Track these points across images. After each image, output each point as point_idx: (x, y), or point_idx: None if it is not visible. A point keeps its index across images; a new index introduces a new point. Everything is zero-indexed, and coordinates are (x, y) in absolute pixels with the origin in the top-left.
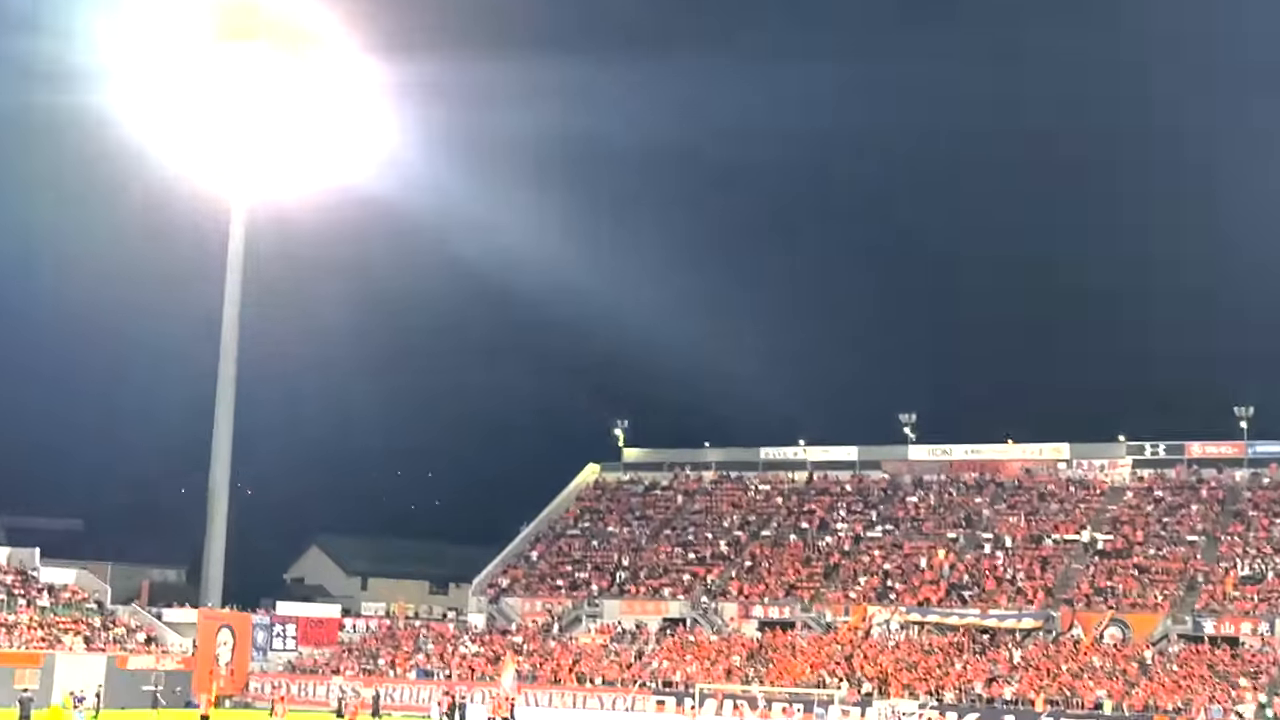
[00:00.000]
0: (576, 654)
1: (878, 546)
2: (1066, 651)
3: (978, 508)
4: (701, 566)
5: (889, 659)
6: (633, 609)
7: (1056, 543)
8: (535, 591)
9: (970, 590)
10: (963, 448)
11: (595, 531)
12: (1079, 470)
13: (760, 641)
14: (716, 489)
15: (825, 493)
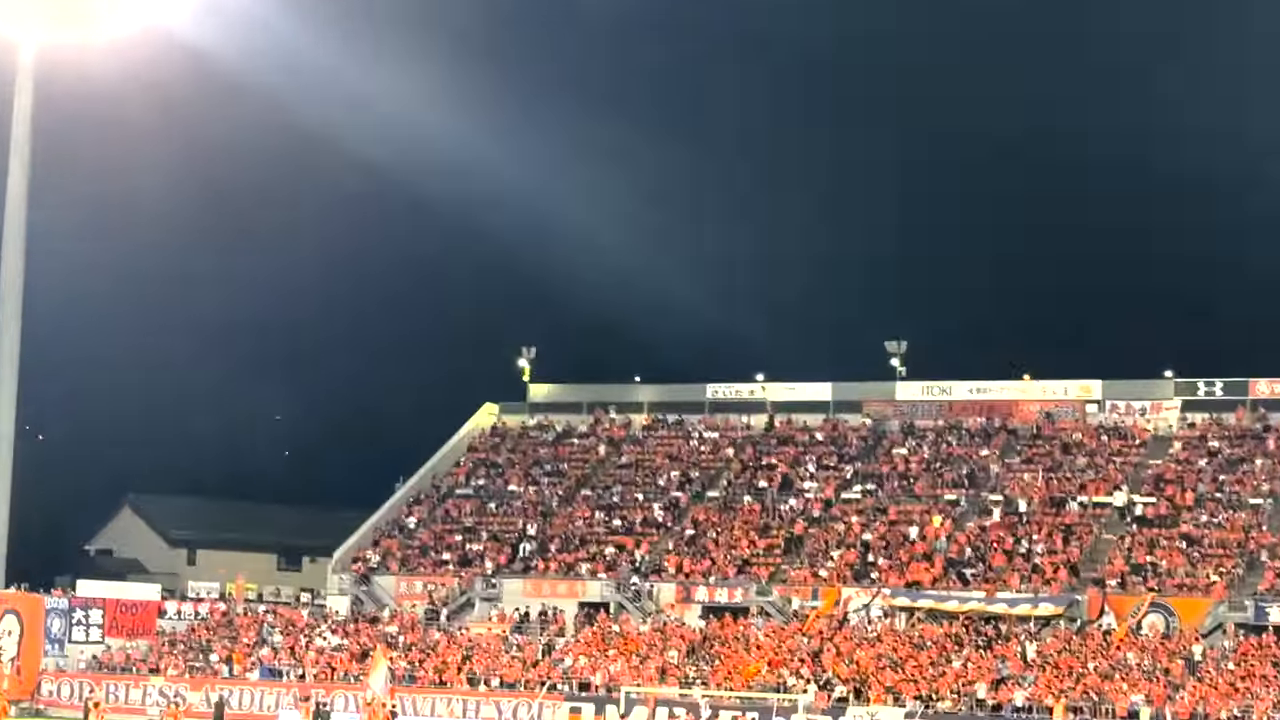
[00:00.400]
0: (467, 648)
1: (856, 511)
2: (1095, 645)
3: (984, 462)
4: (629, 537)
5: (868, 655)
6: (540, 591)
7: (1084, 507)
8: (414, 568)
9: (973, 568)
10: (966, 385)
11: (492, 491)
12: (1113, 415)
13: (704, 633)
14: (649, 437)
15: (789, 442)
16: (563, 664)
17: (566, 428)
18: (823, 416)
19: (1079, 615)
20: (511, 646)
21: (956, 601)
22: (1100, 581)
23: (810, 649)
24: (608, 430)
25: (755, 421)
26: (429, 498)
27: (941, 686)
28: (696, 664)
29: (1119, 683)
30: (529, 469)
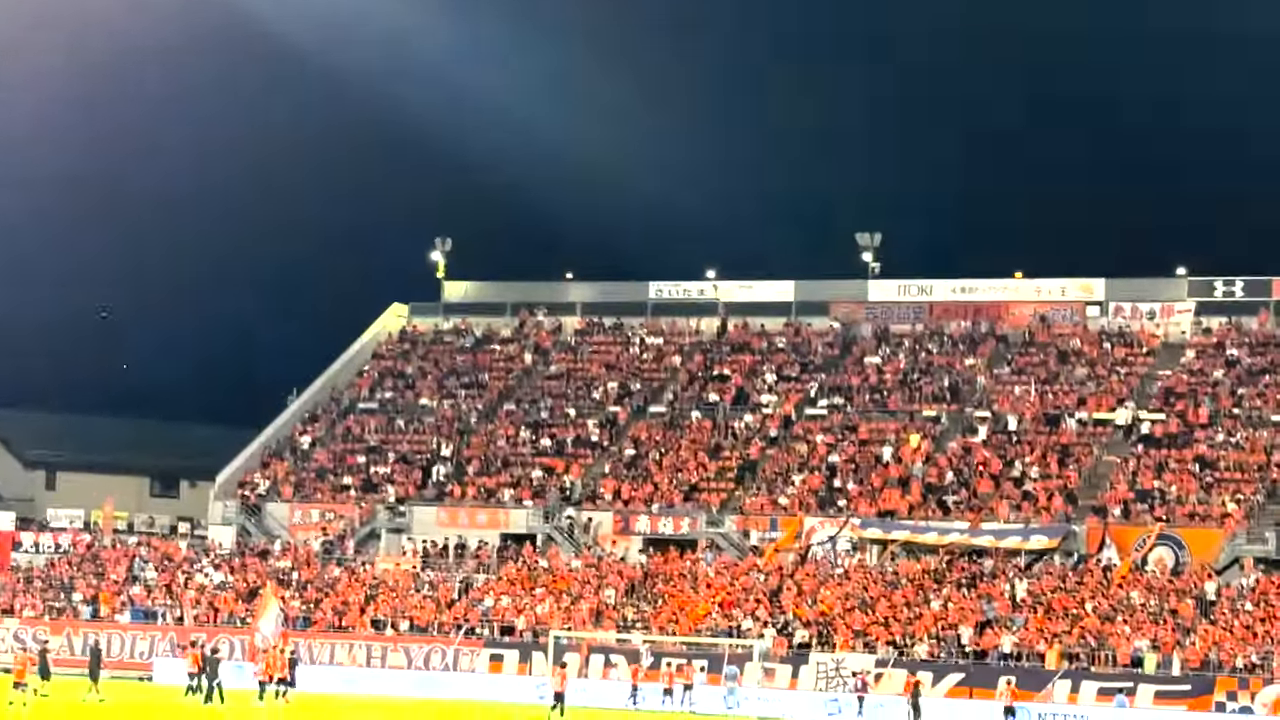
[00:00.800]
0: (372, 587)
1: (821, 430)
2: (1094, 583)
3: (969, 373)
4: (560, 459)
5: (835, 595)
6: (456, 521)
7: (1082, 425)
8: (310, 495)
9: (955, 495)
10: (948, 284)
11: (401, 406)
12: (1118, 318)
13: (646, 569)
14: (583, 343)
15: (745, 349)
16: (482, 605)
17: (487, 332)
18: (783, 320)
19: (1076, 549)
20: (423, 585)
21: (936, 533)
22: (1101, 510)
23: (768, 588)
24: (535, 335)
25: (706, 325)
26: (327, 413)
27: (918, 630)
28: (637, 605)
29: (1121, 626)
30: (443, 380)
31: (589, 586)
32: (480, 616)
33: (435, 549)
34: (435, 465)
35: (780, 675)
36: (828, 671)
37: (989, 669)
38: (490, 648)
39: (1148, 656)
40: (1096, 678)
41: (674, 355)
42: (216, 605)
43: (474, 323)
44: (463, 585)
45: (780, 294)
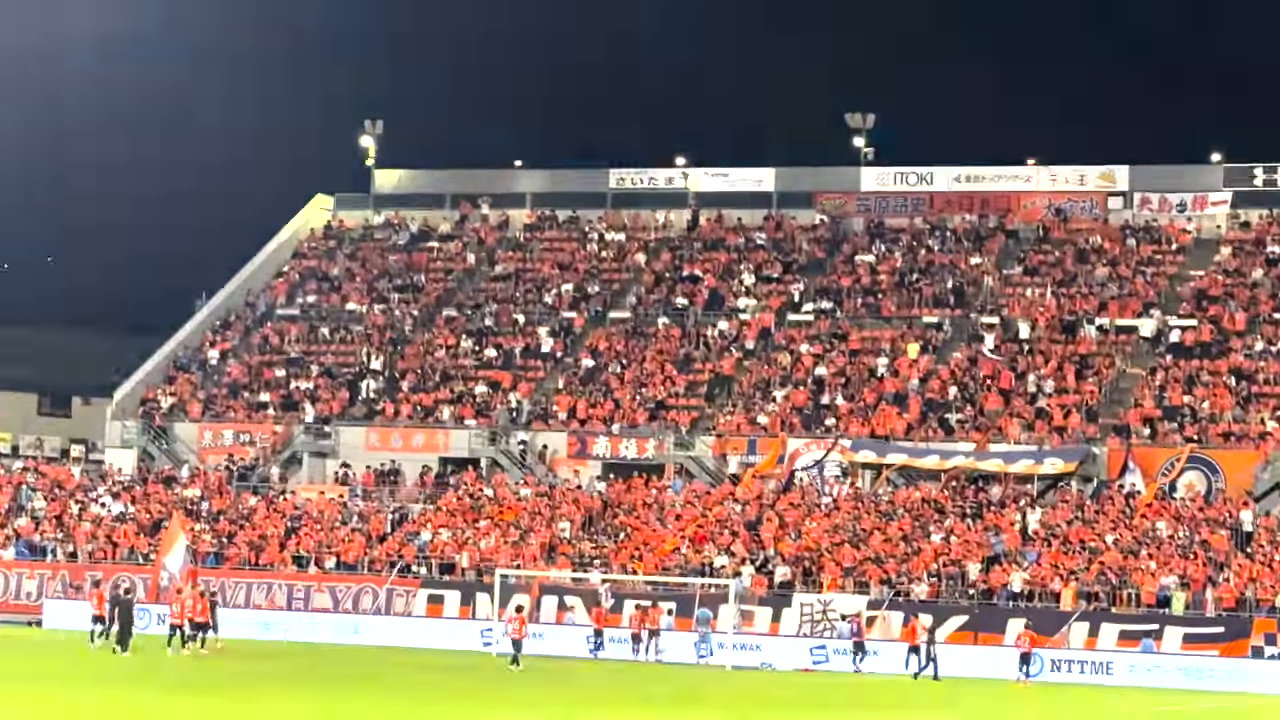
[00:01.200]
0: (293, 519)
1: (806, 338)
2: (1115, 513)
3: (974, 273)
4: (507, 372)
5: (821, 527)
6: (389, 443)
7: (1103, 332)
8: (221, 414)
9: (959, 413)
10: (951, 172)
11: (325, 312)
12: (1144, 211)
13: (605, 498)
14: (534, 239)
15: (719, 246)
16: (418, 539)
17: (424, 227)
18: (763, 213)
19: (1095, 474)
20: (351, 516)
21: (937, 457)
22: (1123, 430)
23: (745, 519)
24: (478, 230)
25: (674, 219)
26: (240, 321)
27: (916, 567)
28: (595, 539)
29: (1146, 561)
30: (373, 282)
31: (540, 518)
32: (416, 552)
33: (366, 476)
34: (364, 380)
35: (759, 618)
36: (813, 614)
37: (997, 611)
38: (428, 588)
39: (1176, 595)
40: (1118, 619)
41: (637, 253)
42: (115, 539)
43: (408, 216)
44: (396, 517)
45: (759, 183)
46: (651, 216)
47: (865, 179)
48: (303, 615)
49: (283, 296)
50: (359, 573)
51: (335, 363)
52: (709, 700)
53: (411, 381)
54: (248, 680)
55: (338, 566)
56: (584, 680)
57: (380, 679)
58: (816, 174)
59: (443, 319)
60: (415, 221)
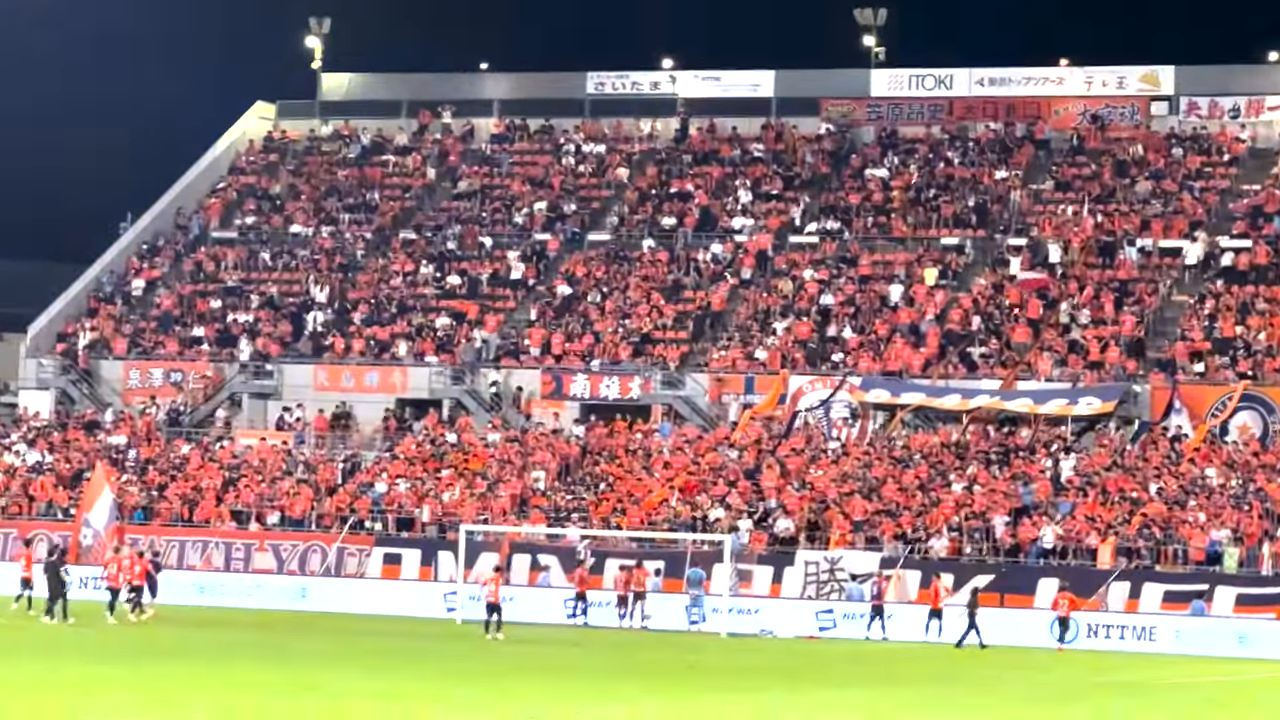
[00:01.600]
0: (231, 469)
1: (810, 263)
2: (1159, 459)
3: (1001, 188)
4: (473, 302)
5: (828, 476)
6: (339, 383)
7: (1146, 255)
8: (150, 350)
9: (983, 346)
10: (973, 74)
11: (267, 235)
12: (1191, 117)
13: (584, 444)
14: (502, 152)
15: (711, 160)
16: (373, 491)
17: (377, 139)
18: (761, 121)
19: (1137, 415)
20: (296, 466)
21: (958, 396)
22: (1168, 365)
23: (742, 467)
24: (439, 142)
25: (661, 129)
26: (171, 245)
27: (935, 520)
28: (572, 490)
29: (1194, 512)
30: (320, 201)
31: (510, 467)
32: (371, 506)
33: (316, 420)
34: (311, 311)
35: (759, 579)
36: (819, 574)
37: (1025, 570)
38: (384, 546)
39: (1228, 551)
40: (1163, 578)
41: (619, 167)
42: (31, 492)
43: (360, 127)
44: (348, 466)
45: (756, 88)
46: (635, 126)
47: (876, 83)
48: (243, 577)
49: (218, 218)
50: (306, 529)
51: (278, 292)
52: (704, 672)
53: (364, 313)
54: (183, 653)
55: (282, 523)
56: (564, 650)
57: (343, 653)
58: (821, 77)
59: (399, 242)
60: (367, 132)
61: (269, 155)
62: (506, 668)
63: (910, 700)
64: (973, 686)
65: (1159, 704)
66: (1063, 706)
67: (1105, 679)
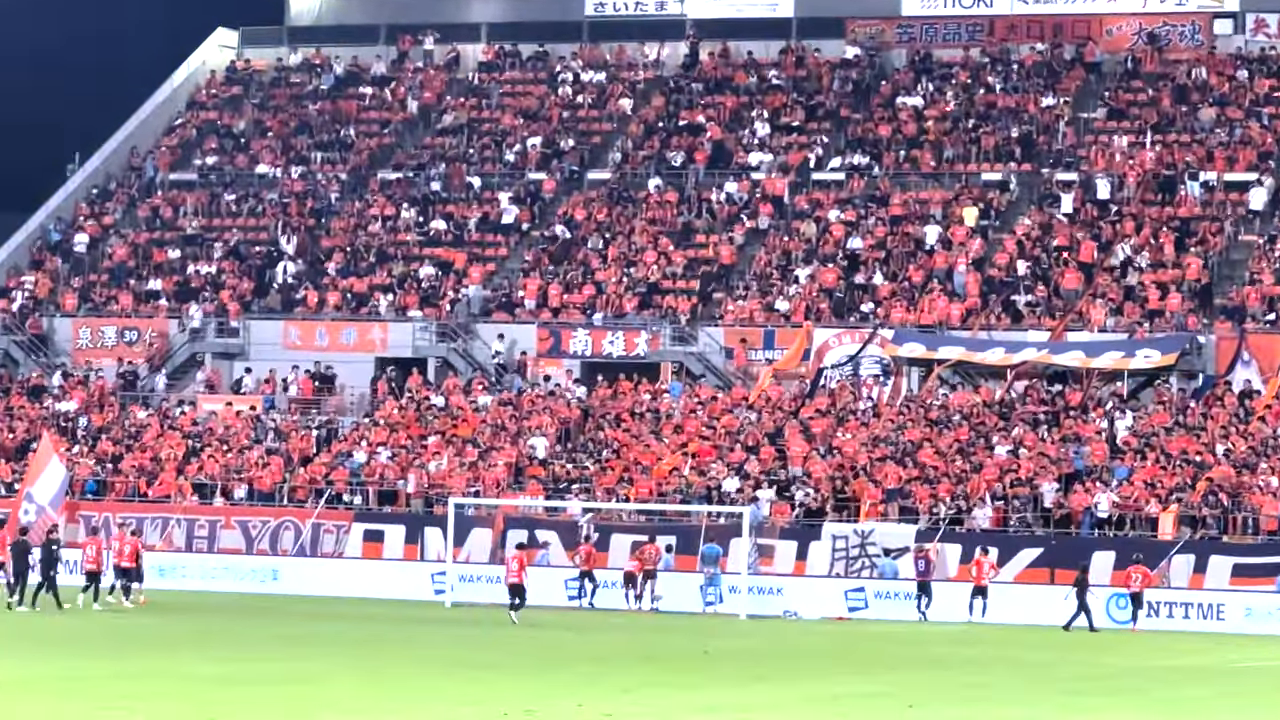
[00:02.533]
0: (194, 438)
1: (836, 203)
2: (1225, 417)
3: (1046, 119)
4: (460, 250)
5: (857, 440)
6: (312, 341)
7: (1209, 190)
8: (102, 306)
9: (1030, 294)
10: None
11: (230, 176)
12: (1259, 36)
13: (586, 407)
14: (491, 82)
15: (724, 88)
16: (351, 462)
17: (352, 68)
18: (780, 45)
19: (1201, 368)
20: (266, 433)
21: (1002, 350)
22: (1236, 313)
23: (762, 431)
24: (422, 71)
25: (668, 55)
26: (124, 189)
27: (977, 488)
28: (574, 459)
29: (1265, 476)
30: (289, 138)
31: (504, 434)
32: (349, 478)
33: (283, 381)
34: (280, 261)
35: (782, 555)
36: (849, 549)
37: (1078, 542)
38: (364, 522)
39: None
40: (1231, 550)
41: (622, 98)
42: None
43: (332, 55)
44: (323, 433)
45: (775, 7)
46: (639, 51)
47: (908, 1)
48: (207, 558)
49: (176, 158)
50: (277, 504)
51: (243, 240)
52: (720, 658)
53: (339, 263)
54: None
55: (250, 497)
56: (565, 635)
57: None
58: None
59: (377, 183)
60: (341, 61)
61: (231, 88)
62: (501, 657)
63: (953, 688)
64: (1027, 671)
65: (1234, 691)
66: (1124, 697)
67: (1170, 663)
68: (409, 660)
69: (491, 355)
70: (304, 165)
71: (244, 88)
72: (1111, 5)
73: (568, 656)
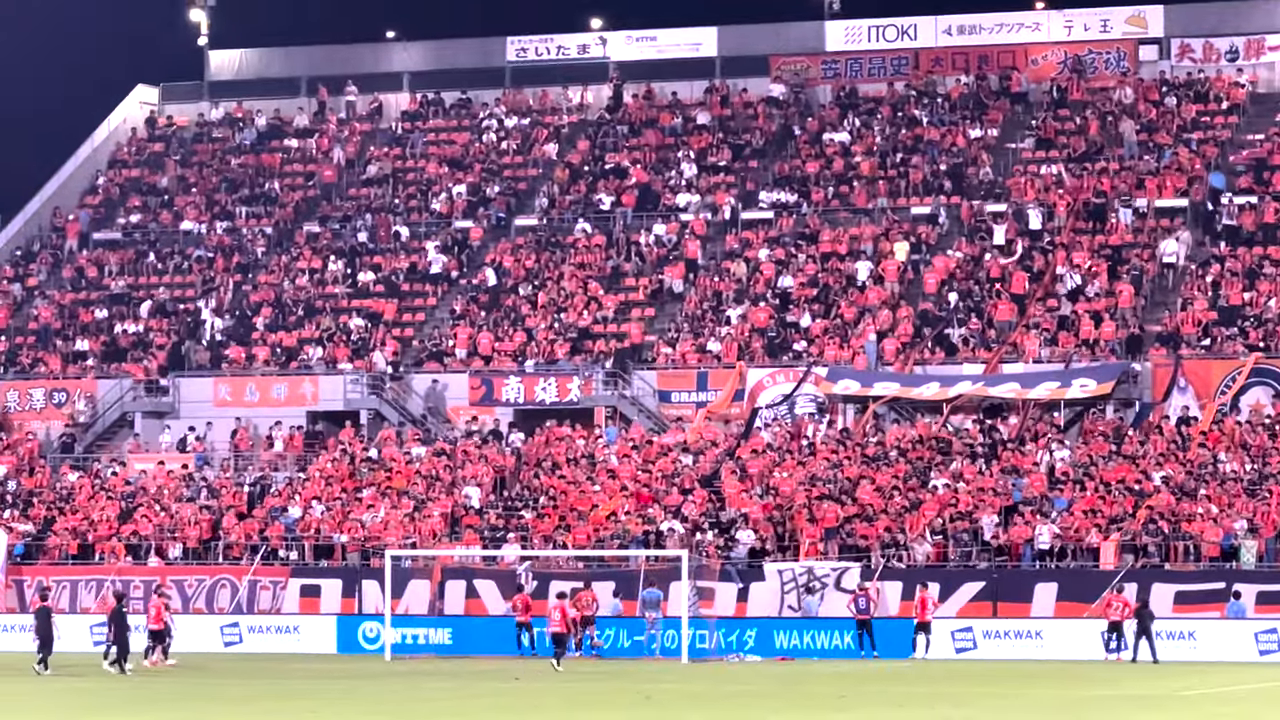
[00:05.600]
0: (126, 498)
1: (766, 241)
2: (1164, 444)
3: (974, 150)
4: (389, 300)
5: (795, 479)
6: (242, 396)
7: (1140, 217)
8: (29, 369)
9: (963, 327)
10: (940, 22)
11: (155, 234)
12: (1184, 62)
13: (521, 455)
14: (415, 130)
15: (651, 129)
16: (285, 516)
17: (274, 121)
18: (704, 84)
19: (1137, 396)
20: (199, 490)
21: (937, 384)
22: (1170, 339)
23: (698, 473)
24: (345, 122)
25: (591, 98)
26: (47, 249)
27: (915, 525)
28: (510, 507)
29: (1206, 504)
30: (213, 193)
31: (439, 484)
32: (284, 532)
33: (212, 439)
34: (208, 318)
35: (722, 597)
36: (795, 588)
37: (1020, 574)
38: (300, 577)
39: (1245, 544)
40: (1174, 578)
41: (547, 142)
42: None
43: (254, 108)
44: (257, 489)
45: (697, 47)
46: (563, 95)
47: (831, 35)
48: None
49: (98, 214)
50: (211, 562)
51: (170, 298)
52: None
53: (268, 317)
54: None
55: (185, 555)
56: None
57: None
58: (770, 33)
59: (303, 236)
60: (263, 115)
61: (153, 145)
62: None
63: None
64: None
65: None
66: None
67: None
68: (348, 713)
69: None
70: (229, 220)
71: (166, 144)
72: (1036, 35)
73: (505, 706)
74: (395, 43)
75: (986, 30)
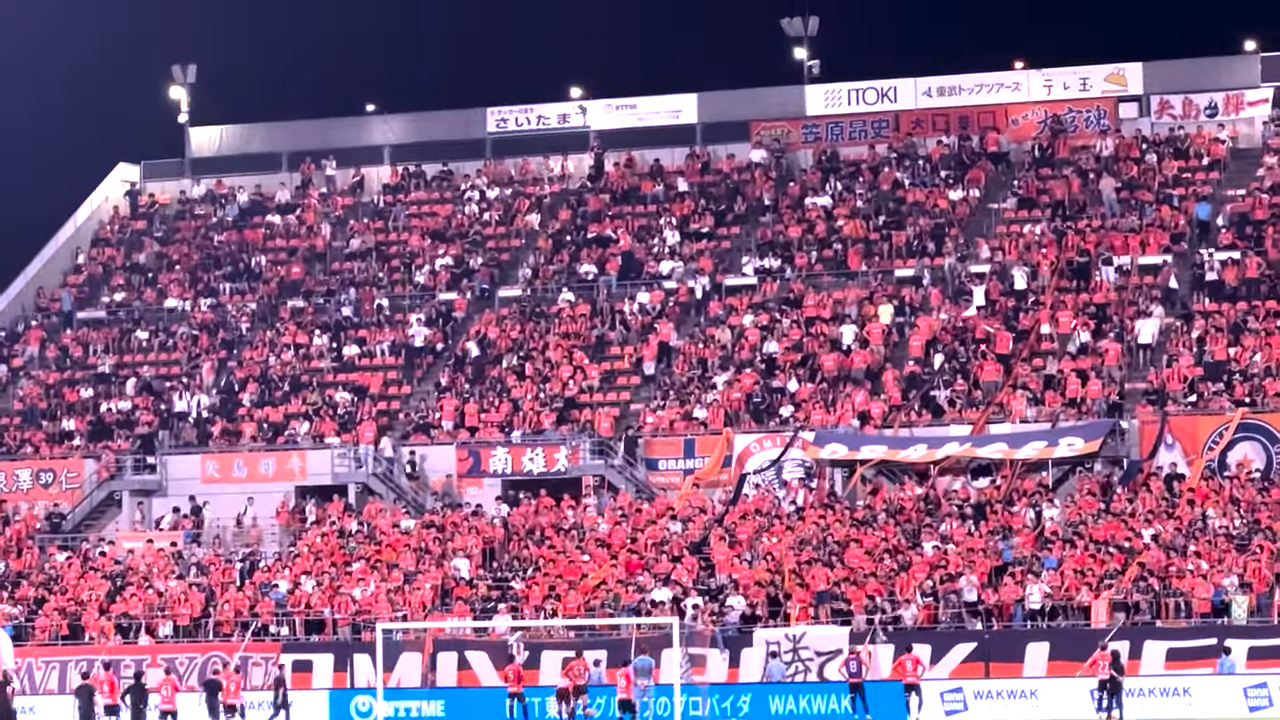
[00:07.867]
0: (115, 577)
1: (750, 307)
2: (1152, 502)
3: (956, 212)
4: (374, 374)
5: (784, 544)
6: (230, 473)
7: (1124, 274)
8: (16, 449)
9: (949, 389)
10: (920, 84)
11: (139, 312)
12: (1164, 118)
13: (509, 525)
14: (397, 203)
15: (633, 198)
16: (275, 592)
17: (256, 197)
18: (685, 151)
19: (1124, 454)
20: (188, 568)
21: (924, 446)
22: (1157, 396)
23: (687, 540)
24: (326, 197)
25: (573, 167)
26: (35, 329)
27: (905, 586)
28: (499, 578)
29: (1195, 559)
30: (196, 270)
31: (429, 556)
32: (275, 608)
33: (200, 518)
34: (194, 395)
35: (713, 664)
36: (784, 654)
37: (1011, 635)
38: (292, 652)
39: (1236, 600)
40: (1165, 635)
41: (529, 213)
42: None
43: (236, 184)
44: (246, 565)
45: (678, 114)
46: (544, 165)
47: (811, 100)
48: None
49: (83, 294)
50: (202, 639)
51: (156, 375)
52: None
53: (254, 393)
54: None
55: (175, 633)
56: None
57: None
58: (750, 98)
59: (288, 311)
60: (244, 191)
61: (136, 223)
62: None
63: None
64: None
65: None
66: None
67: None
68: None
69: (389, 461)
70: (213, 297)
71: (148, 221)
72: (1015, 94)
73: None
74: (375, 116)
75: (966, 91)
